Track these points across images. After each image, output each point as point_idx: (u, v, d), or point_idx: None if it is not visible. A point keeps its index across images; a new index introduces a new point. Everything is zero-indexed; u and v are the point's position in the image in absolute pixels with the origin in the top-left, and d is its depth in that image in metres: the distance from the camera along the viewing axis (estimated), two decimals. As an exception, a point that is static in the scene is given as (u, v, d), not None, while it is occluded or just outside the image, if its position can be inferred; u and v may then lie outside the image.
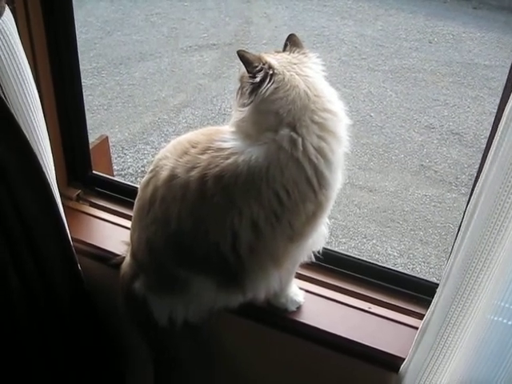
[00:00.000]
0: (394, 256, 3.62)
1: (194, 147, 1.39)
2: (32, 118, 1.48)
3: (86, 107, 4.77)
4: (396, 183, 4.15)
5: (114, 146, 4.40)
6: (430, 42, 5.81)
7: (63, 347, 1.77)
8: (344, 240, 3.71)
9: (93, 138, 4.39)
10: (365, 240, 3.73)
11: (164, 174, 1.40)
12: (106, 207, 1.97)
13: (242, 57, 1.36)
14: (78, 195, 2.00)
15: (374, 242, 3.72)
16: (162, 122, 4.69)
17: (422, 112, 4.86)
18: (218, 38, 5.87)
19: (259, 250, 1.38)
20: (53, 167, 1.63)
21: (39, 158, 1.49)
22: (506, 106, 1.06)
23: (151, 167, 1.46)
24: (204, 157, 1.35)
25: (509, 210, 1.09)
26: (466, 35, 5.92)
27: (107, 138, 2.53)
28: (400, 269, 3.52)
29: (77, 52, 1.83)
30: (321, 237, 1.51)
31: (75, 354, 1.80)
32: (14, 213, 1.51)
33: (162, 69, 5.40)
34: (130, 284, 1.59)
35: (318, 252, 1.55)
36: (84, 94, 5.01)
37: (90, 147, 2.36)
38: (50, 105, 1.87)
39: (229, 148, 1.35)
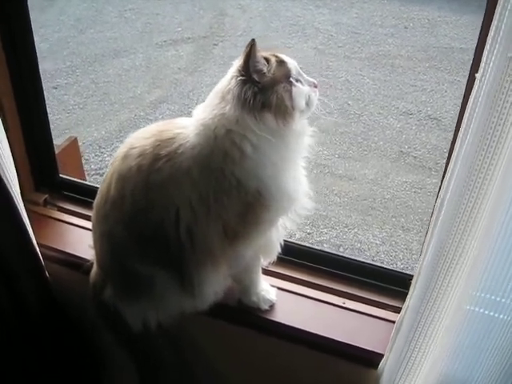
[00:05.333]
0: (377, 244, 3.61)
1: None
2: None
3: (62, 107, 4.77)
4: (376, 171, 4.13)
5: (90, 144, 4.37)
6: (406, 28, 5.80)
7: (35, 356, 1.74)
8: (325, 230, 3.70)
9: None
10: (346, 229, 3.71)
11: (121, 152, 1.41)
12: (74, 211, 1.93)
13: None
14: (45, 200, 1.96)
15: (356, 230, 3.70)
16: (139, 119, 4.65)
17: (400, 98, 4.84)
18: (192, 31, 5.82)
19: (197, 237, 1.37)
20: (15, 175, 1.60)
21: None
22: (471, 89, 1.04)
23: (110, 163, 1.47)
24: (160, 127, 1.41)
25: (477, 199, 1.08)
26: (441, 19, 5.91)
27: (76, 139, 2.49)
28: (383, 256, 3.53)
29: (35, 53, 1.79)
30: (271, 247, 1.51)
31: (48, 363, 1.77)
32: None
33: (136, 65, 5.35)
34: (100, 294, 1.57)
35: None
36: (59, 93, 5.00)
37: (59, 149, 2.33)
38: (12, 111, 1.84)
39: (183, 123, 1.38)
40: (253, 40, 1.27)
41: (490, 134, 1.00)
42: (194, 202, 1.34)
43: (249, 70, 1.28)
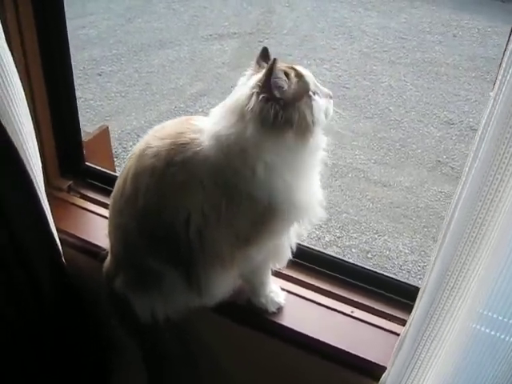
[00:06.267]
0: (405, 253, 3.58)
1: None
2: (14, 112, 1.47)
3: (104, 94, 4.86)
4: (411, 179, 4.09)
5: (129, 133, 4.42)
6: (455, 36, 5.72)
7: (47, 341, 1.76)
8: (355, 235, 3.67)
9: (109, 124, 4.42)
10: (376, 236, 3.68)
11: (138, 148, 1.41)
12: (96, 200, 1.95)
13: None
14: (69, 186, 1.98)
15: (386, 237, 3.67)
16: (179, 111, 4.68)
17: (442, 107, 4.78)
18: (239, 26, 5.84)
19: (207, 241, 1.38)
20: (38, 160, 1.62)
21: (21, 153, 1.48)
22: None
23: (129, 156, 1.47)
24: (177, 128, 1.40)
25: (486, 217, 1.05)
26: (491, 29, 5.80)
27: (107, 128, 2.52)
28: (410, 266, 3.50)
29: (67, 40, 1.81)
30: (282, 253, 1.51)
31: (59, 349, 1.80)
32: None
33: (181, 57, 5.39)
34: (111, 282, 1.58)
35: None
36: (102, 80, 5.09)
37: (90, 137, 2.36)
38: (42, 98, 1.86)
39: (199, 126, 1.37)
40: (274, 59, 1.25)
41: (496, 165, 0.98)
42: (206, 208, 1.34)
43: (270, 87, 1.25)
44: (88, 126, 4.13)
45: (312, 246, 1.73)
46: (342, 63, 5.27)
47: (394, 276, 1.72)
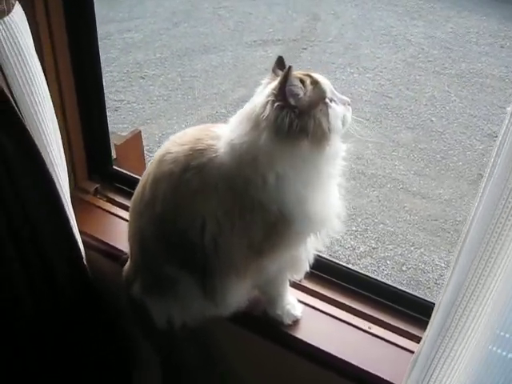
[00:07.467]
0: (441, 267, 3.51)
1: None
2: (39, 116, 1.49)
3: (146, 97, 4.90)
4: (451, 191, 4.02)
5: (169, 136, 4.43)
6: (502, 47, 5.59)
7: (67, 345, 1.78)
8: (391, 246, 3.63)
9: (150, 127, 4.48)
10: (412, 248, 3.63)
11: (158, 154, 1.42)
12: (122, 204, 1.96)
13: None
14: (96, 189, 2.01)
15: (422, 250, 3.62)
16: (219, 116, 4.68)
17: (486, 119, 4.69)
18: (283, 33, 5.82)
19: (221, 249, 1.38)
20: (63, 162, 1.65)
21: (45, 154, 1.50)
22: None
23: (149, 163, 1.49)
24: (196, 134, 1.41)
25: (503, 229, 1.01)
26: (541, 41, 5.67)
27: (140, 132, 2.54)
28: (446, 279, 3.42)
29: (97, 43, 1.84)
30: (299, 265, 1.50)
31: (80, 352, 1.81)
32: (22, 211, 1.56)
33: (224, 62, 5.41)
34: (130, 287, 1.60)
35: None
36: (145, 83, 5.13)
37: (123, 140, 2.38)
38: (71, 101, 1.88)
39: (217, 132, 1.37)
40: (289, 66, 1.24)
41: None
42: (220, 216, 1.34)
43: (285, 95, 1.23)
44: (129, 128, 4.17)
45: (331, 258, 1.71)
46: (385, 72, 5.22)
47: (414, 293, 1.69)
